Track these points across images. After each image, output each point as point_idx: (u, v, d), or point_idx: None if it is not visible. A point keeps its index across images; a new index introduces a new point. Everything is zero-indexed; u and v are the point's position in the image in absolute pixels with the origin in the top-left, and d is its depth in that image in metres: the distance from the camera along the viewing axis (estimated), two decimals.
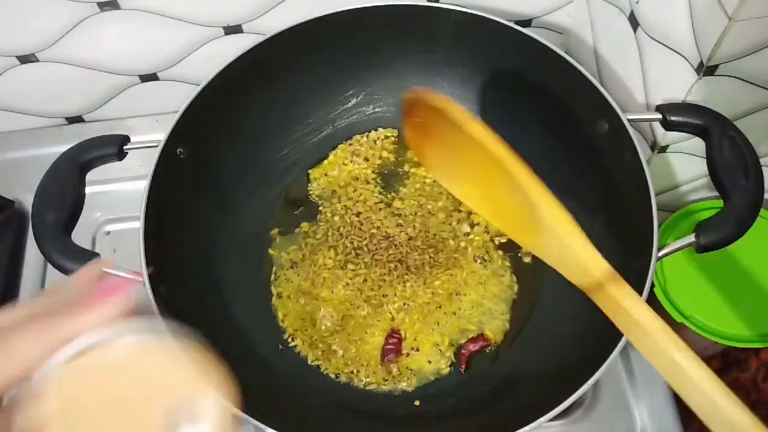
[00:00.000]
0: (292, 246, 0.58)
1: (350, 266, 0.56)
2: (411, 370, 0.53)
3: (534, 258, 0.57)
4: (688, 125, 0.47)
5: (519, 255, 0.57)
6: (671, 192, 0.59)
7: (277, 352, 0.54)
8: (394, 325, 0.54)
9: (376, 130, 0.63)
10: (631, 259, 0.46)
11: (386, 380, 0.53)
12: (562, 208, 0.35)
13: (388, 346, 0.53)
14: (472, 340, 0.53)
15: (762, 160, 0.45)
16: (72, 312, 0.24)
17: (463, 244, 0.57)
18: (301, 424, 0.47)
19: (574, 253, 0.35)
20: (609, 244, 0.52)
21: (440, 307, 0.55)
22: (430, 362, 0.53)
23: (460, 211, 0.59)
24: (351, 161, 0.61)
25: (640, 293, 0.43)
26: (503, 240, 0.58)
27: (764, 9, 0.40)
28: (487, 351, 0.53)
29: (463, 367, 0.53)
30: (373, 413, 0.52)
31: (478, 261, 0.57)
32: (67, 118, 0.68)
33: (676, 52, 0.48)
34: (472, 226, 0.58)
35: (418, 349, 0.53)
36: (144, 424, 0.24)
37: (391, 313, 0.55)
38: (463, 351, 0.53)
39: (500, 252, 0.57)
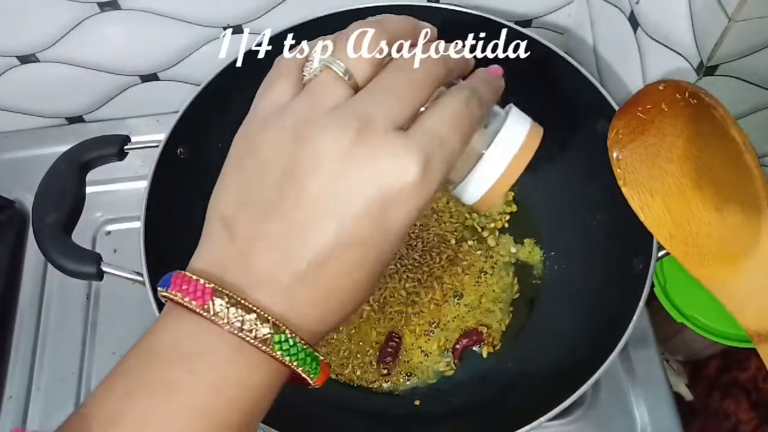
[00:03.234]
0: None
1: None
2: (411, 370, 0.53)
3: (533, 258, 0.57)
4: None
5: (519, 256, 0.57)
6: None
7: None
8: (394, 327, 0.54)
9: None
10: (631, 259, 0.46)
11: (386, 380, 0.53)
12: None
13: (387, 349, 0.53)
14: (465, 334, 0.54)
15: (762, 160, 0.45)
16: None
17: (469, 242, 0.57)
18: (301, 424, 0.47)
19: None
20: (609, 243, 0.52)
21: (440, 307, 0.55)
22: (430, 363, 0.53)
23: (465, 212, 0.59)
24: None
25: (640, 293, 0.43)
26: (505, 240, 0.58)
27: (764, 9, 0.40)
28: (479, 346, 0.54)
29: (457, 361, 0.53)
30: (373, 413, 0.52)
31: (481, 261, 0.57)
32: (67, 118, 0.67)
33: (676, 52, 0.48)
34: (478, 228, 0.58)
35: (418, 350, 0.53)
36: None
37: (391, 314, 0.55)
38: (456, 345, 0.53)
39: (502, 252, 0.57)
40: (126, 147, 0.48)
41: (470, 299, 0.55)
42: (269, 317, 0.24)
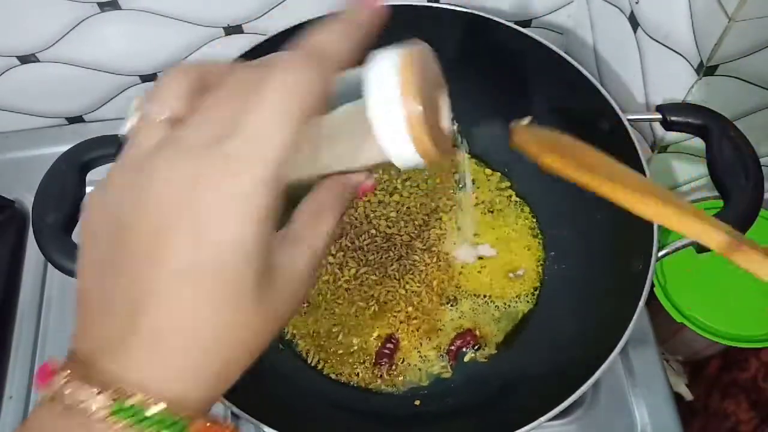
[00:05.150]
0: None
1: (351, 265, 0.56)
2: (410, 371, 0.53)
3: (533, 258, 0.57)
4: (689, 125, 0.46)
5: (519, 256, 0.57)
6: (671, 192, 0.59)
7: (278, 353, 0.54)
8: (393, 327, 0.54)
9: None
10: (631, 259, 0.46)
11: (386, 381, 0.53)
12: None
13: (384, 351, 0.53)
14: (459, 335, 0.54)
15: (762, 160, 0.45)
16: None
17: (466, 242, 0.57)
18: (301, 424, 0.47)
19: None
20: (609, 243, 0.52)
21: (439, 308, 0.55)
22: (427, 366, 0.53)
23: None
24: None
25: (640, 293, 0.43)
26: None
27: (764, 9, 0.40)
28: (477, 347, 0.53)
29: (452, 362, 0.53)
30: (372, 413, 0.52)
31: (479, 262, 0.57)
32: (67, 118, 0.68)
33: (676, 52, 0.48)
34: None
35: (416, 352, 0.53)
36: None
37: (390, 314, 0.55)
38: (451, 347, 0.53)
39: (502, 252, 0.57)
40: None
41: (470, 300, 0.55)
42: (112, 386, 0.23)
